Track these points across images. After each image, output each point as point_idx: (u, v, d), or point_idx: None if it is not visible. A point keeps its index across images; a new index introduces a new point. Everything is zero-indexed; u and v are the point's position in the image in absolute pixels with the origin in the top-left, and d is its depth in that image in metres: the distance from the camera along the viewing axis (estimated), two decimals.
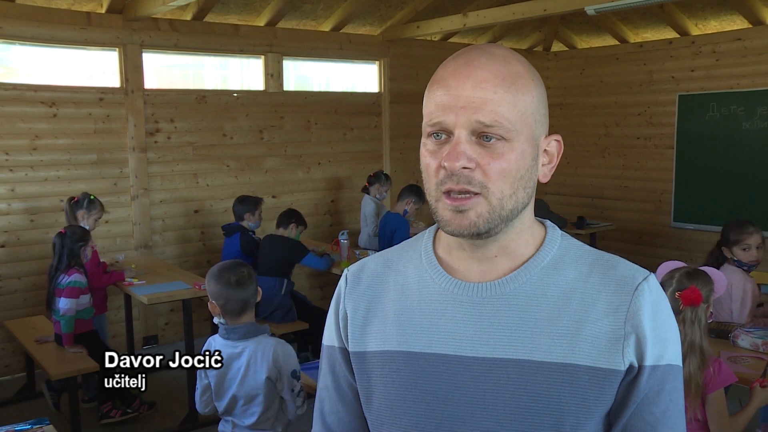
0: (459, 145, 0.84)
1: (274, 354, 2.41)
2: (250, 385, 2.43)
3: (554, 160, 0.93)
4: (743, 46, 6.09)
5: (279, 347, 2.43)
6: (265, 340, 2.47)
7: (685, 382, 2.23)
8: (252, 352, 2.43)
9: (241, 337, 2.45)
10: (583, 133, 7.49)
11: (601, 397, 0.86)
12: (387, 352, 0.94)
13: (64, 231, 3.87)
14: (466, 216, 0.86)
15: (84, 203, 4.26)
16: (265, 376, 2.40)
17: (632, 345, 0.86)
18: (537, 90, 0.89)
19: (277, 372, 2.42)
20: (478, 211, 0.85)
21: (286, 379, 2.42)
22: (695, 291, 2.36)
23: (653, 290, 0.89)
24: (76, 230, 3.90)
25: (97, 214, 4.30)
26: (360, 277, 1.02)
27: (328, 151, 6.21)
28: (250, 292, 2.48)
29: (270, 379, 2.41)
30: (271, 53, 5.75)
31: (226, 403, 2.50)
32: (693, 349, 2.31)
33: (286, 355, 2.43)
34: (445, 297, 0.93)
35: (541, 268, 0.91)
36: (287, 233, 4.65)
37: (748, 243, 3.28)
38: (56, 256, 3.80)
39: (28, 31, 4.67)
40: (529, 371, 0.86)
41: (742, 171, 6.15)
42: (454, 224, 0.87)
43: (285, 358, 2.42)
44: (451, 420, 0.89)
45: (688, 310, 2.35)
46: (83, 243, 3.87)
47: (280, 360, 2.41)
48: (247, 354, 2.44)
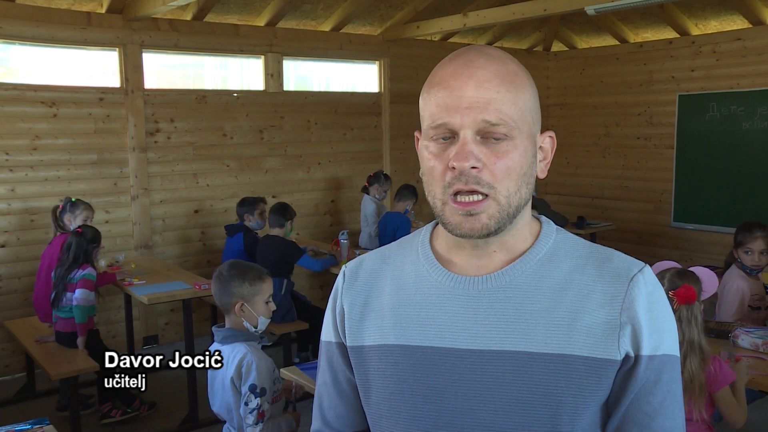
0: (466, 145, 0.85)
1: (239, 362, 2.29)
2: (226, 390, 2.34)
3: (549, 155, 0.95)
4: (743, 46, 6.09)
5: (248, 356, 2.30)
6: (239, 346, 2.34)
7: (688, 381, 2.24)
8: (226, 356, 2.33)
9: (219, 341, 2.38)
10: (583, 133, 7.49)
11: (598, 387, 0.87)
12: (384, 346, 0.95)
13: (80, 230, 3.88)
14: (478, 219, 0.87)
15: (67, 207, 4.18)
16: (230, 383, 2.29)
17: (628, 335, 0.87)
18: (532, 88, 0.91)
19: (239, 381, 2.29)
20: (489, 213, 0.87)
21: (243, 390, 2.28)
22: (690, 289, 2.36)
23: (648, 281, 0.90)
24: (90, 231, 3.94)
25: (82, 213, 4.20)
26: (357, 273, 1.03)
27: (328, 151, 6.22)
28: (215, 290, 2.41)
29: (234, 388, 2.30)
30: (271, 53, 5.75)
31: (217, 406, 2.42)
32: (693, 348, 2.31)
33: (251, 366, 2.28)
34: (441, 290, 0.93)
35: (537, 261, 0.92)
36: (283, 232, 4.63)
37: (750, 247, 3.29)
38: (69, 254, 3.80)
39: (28, 31, 4.67)
40: (525, 362, 0.87)
41: (743, 171, 6.15)
42: (466, 227, 0.87)
43: (248, 368, 2.27)
44: (448, 412, 0.90)
45: (683, 309, 2.35)
46: (96, 244, 3.92)
47: (242, 369, 2.28)
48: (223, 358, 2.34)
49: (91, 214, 4.27)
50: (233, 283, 2.40)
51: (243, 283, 2.41)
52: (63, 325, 3.83)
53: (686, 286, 2.37)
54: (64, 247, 3.85)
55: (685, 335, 2.31)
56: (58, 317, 3.84)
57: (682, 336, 2.30)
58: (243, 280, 2.41)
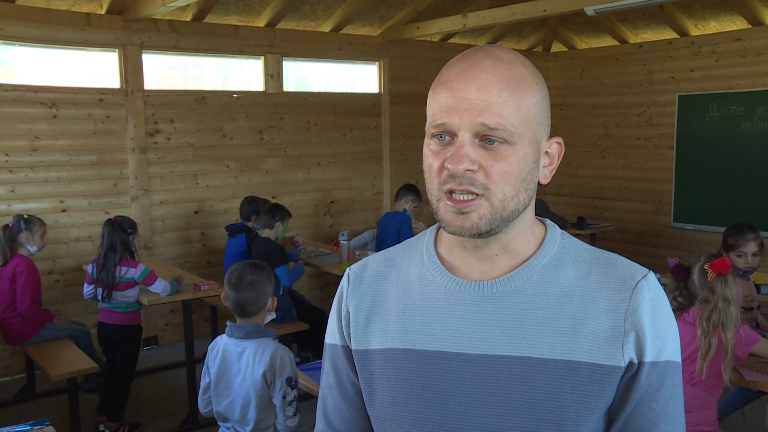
0: (462, 147, 0.85)
1: (272, 356, 2.38)
2: (247, 386, 2.40)
3: (555, 161, 0.94)
4: (743, 47, 6.09)
5: (279, 350, 2.41)
6: (266, 341, 2.45)
7: (722, 347, 2.44)
8: (253, 352, 2.41)
9: (243, 336, 2.44)
10: (583, 134, 7.49)
11: (602, 394, 0.87)
12: (390, 350, 0.95)
13: (113, 219, 3.88)
14: (468, 217, 0.87)
15: (21, 225, 3.94)
16: (261, 377, 2.37)
17: (632, 342, 0.87)
18: (540, 93, 0.90)
19: (272, 375, 2.38)
20: (480, 213, 0.86)
21: (278, 383, 2.37)
22: (725, 260, 2.52)
23: (652, 288, 0.90)
24: (125, 218, 3.95)
25: (39, 229, 4.00)
26: (362, 275, 1.03)
27: (328, 152, 6.22)
28: (245, 298, 2.45)
29: (265, 382, 2.38)
30: (270, 54, 5.75)
31: (225, 405, 2.46)
32: (727, 314, 2.45)
33: (284, 359, 2.39)
34: (446, 295, 0.94)
35: (542, 267, 0.92)
36: (274, 234, 4.59)
37: (744, 250, 3.29)
38: (106, 245, 3.78)
39: (28, 32, 4.67)
40: (530, 368, 0.87)
41: (742, 171, 6.15)
42: (456, 225, 0.88)
43: (282, 362, 2.38)
44: (453, 417, 0.90)
45: (717, 281, 2.48)
46: (132, 230, 3.93)
47: (276, 363, 2.38)
48: (247, 354, 2.42)
49: (46, 228, 4.08)
50: (266, 283, 2.50)
51: (269, 280, 2.53)
52: (116, 318, 3.88)
53: (722, 258, 2.53)
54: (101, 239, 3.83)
55: (718, 303, 2.45)
56: (109, 310, 3.87)
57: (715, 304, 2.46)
58: (268, 277, 2.53)
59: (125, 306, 3.89)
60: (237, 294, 2.46)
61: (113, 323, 3.89)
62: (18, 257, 3.93)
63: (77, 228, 4.98)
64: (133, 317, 3.95)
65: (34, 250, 4.01)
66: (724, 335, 2.43)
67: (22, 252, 3.96)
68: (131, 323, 3.94)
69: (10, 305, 3.93)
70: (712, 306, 2.46)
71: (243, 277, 2.47)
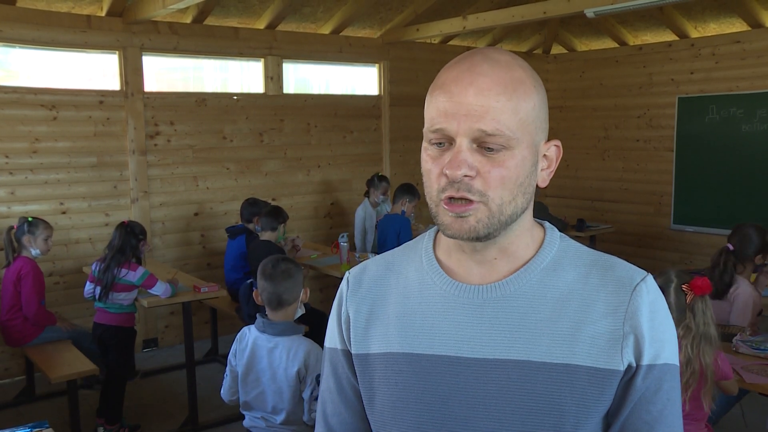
0: (460, 153, 0.84)
1: (306, 353, 2.44)
2: (280, 380, 2.46)
3: (553, 165, 0.94)
4: (742, 49, 6.10)
5: (313, 349, 2.46)
6: (300, 339, 2.50)
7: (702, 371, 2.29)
8: (286, 348, 2.46)
9: (277, 334, 2.48)
10: (582, 136, 7.50)
11: (601, 397, 0.87)
12: (389, 354, 0.95)
13: (126, 222, 3.90)
14: (466, 221, 0.87)
15: (25, 228, 3.94)
16: (295, 374, 2.43)
17: (631, 345, 0.87)
18: (538, 96, 0.89)
19: (305, 372, 2.45)
20: (477, 217, 0.86)
21: (309, 380, 2.44)
22: (705, 279, 2.36)
23: (651, 290, 0.90)
24: (137, 224, 3.97)
25: (43, 233, 3.98)
26: (361, 279, 1.03)
27: (328, 154, 6.22)
28: (282, 287, 2.49)
29: (298, 378, 2.45)
30: (270, 56, 5.75)
31: (254, 396, 2.52)
32: (708, 339, 2.32)
33: (317, 358, 2.45)
34: (446, 299, 0.93)
35: (541, 270, 0.92)
36: (275, 236, 4.60)
37: None
38: (115, 247, 3.79)
39: (28, 34, 4.68)
40: (529, 372, 0.87)
41: (742, 173, 6.15)
42: (455, 229, 0.88)
43: (315, 360, 2.44)
44: (452, 420, 0.90)
45: (698, 301, 2.34)
46: (143, 237, 3.95)
47: (310, 360, 2.44)
48: (280, 350, 2.47)
49: (51, 232, 4.06)
50: (299, 273, 2.55)
51: (300, 271, 2.58)
52: (108, 318, 3.88)
53: (702, 277, 2.37)
54: (110, 241, 3.86)
55: (698, 327, 2.31)
56: (103, 310, 3.88)
57: (697, 328, 2.31)
58: (299, 267, 2.58)
59: (117, 307, 3.89)
60: (273, 284, 2.49)
61: (105, 323, 3.90)
62: (22, 259, 3.94)
63: (77, 230, 4.98)
64: (125, 319, 3.94)
65: (37, 253, 4.00)
66: (704, 360, 2.29)
67: (27, 254, 3.97)
68: (122, 325, 3.93)
69: (13, 307, 3.93)
70: (694, 331, 2.30)
71: (277, 266, 2.51)
